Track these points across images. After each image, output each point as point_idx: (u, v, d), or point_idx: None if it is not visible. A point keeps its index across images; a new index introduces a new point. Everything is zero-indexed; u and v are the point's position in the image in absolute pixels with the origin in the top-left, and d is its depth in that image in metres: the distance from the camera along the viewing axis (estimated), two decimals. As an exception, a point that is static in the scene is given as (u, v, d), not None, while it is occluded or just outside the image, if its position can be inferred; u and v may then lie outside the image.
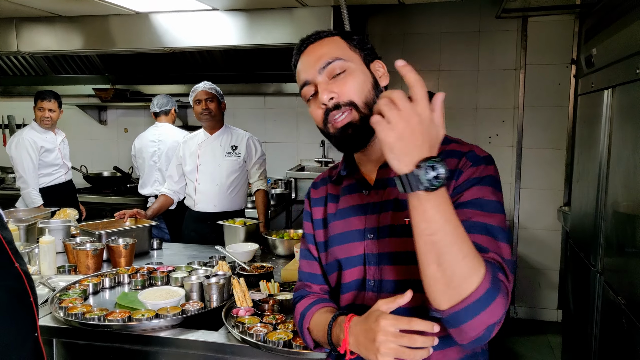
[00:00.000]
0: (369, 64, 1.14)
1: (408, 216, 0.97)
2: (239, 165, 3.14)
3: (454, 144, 1.13)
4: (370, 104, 1.08)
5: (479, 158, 1.07)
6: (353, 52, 1.12)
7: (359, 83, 1.09)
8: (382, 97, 0.83)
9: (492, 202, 1.02)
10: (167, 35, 3.56)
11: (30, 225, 2.65)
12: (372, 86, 1.11)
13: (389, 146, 0.80)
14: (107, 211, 4.22)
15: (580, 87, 2.81)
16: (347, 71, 1.09)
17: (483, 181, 1.04)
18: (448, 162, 1.01)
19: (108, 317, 1.69)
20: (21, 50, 3.95)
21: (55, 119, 3.91)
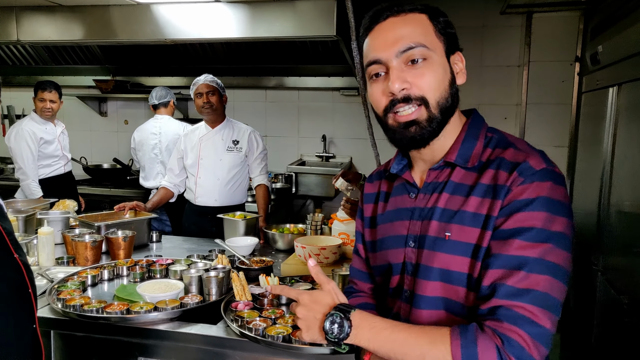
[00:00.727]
0: (449, 55, 1.02)
1: (450, 230, 0.99)
2: (240, 160, 3.12)
3: (512, 149, 0.99)
4: (442, 103, 0.99)
5: (532, 172, 0.93)
6: (437, 39, 1.00)
7: (437, 78, 0.99)
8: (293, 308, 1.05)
9: (538, 231, 0.89)
10: (168, 27, 3.52)
11: (29, 216, 2.63)
12: (449, 84, 1.01)
13: (311, 339, 1.02)
14: (106, 203, 4.21)
15: (584, 84, 2.79)
16: (427, 61, 0.98)
17: (532, 205, 0.91)
18: (498, 175, 0.96)
19: (106, 309, 1.67)
20: (21, 39, 3.92)
21: (55, 110, 3.88)
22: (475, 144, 1.04)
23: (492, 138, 1.05)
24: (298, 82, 4.42)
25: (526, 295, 0.87)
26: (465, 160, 1.02)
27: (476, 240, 0.96)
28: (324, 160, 4.49)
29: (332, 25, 3.13)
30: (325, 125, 4.50)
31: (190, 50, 4.25)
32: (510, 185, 0.94)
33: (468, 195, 0.99)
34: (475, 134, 1.05)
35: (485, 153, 1.03)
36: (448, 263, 0.99)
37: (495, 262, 0.92)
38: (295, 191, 4.17)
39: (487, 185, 0.98)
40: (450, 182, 1.03)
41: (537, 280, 0.87)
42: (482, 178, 0.99)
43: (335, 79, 4.28)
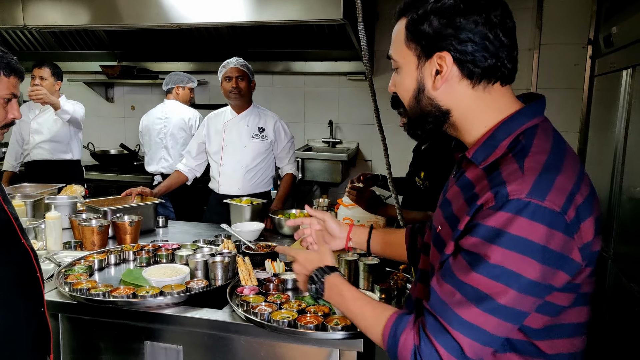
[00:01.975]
0: (426, 58, 0.99)
1: (441, 224, 1.05)
2: (265, 148, 3.03)
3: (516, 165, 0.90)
4: (413, 111, 1.04)
5: (505, 200, 0.86)
6: (407, 49, 1.01)
7: (403, 88, 1.05)
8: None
9: (488, 264, 0.86)
10: (173, 11, 3.48)
11: (37, 200, 2.65)
12: (415, 94, 1.02)
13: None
14: (113, 189, 4.22)
15: (597, 67, 2.73)
16: (399, 70, 1.05)
17: (491, 236, 0.87)
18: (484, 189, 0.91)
19: (112, 293, 1.68)
20: (27, 24, 3.89)
21: (48, 88, 3.53)
22: (497, 146, 0.96)
23: (519, 144, 0.95)
24: (304, 66, 4.38)
25: (452, 317, 0.91)
26: (481, 159, 0.99)
27: (446, 242, 0.99)
28: (331, 146, 4.46)
29: (338, 9, 3.08)
30: (331, 111, 4.46)
31: (196, 35, 4.22)
32: (482, 204, 0.90)
33: (464, 195, 1.00)
34: (505, 134, 0.97)
35: (505, 157, 0.95)
36: (431, 252, 1.09)
37: (444, 270, 0.96)
38: (302, 177, 4.16)
39: (474, 194, 0.95)
40: (465, 177, 1.03)
41: (469, 309, 0.89)
42: (478, 185, 0.96)
43: (341, 64, 4.23)
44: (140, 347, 1.68)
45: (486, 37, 0.94)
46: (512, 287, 0.86)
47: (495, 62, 0.95)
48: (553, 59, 3.80)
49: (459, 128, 1.03)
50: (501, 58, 0.96)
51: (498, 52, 0.95)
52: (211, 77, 4.67)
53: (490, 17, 0.93)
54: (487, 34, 0.93)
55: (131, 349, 1.69)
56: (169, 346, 1.65)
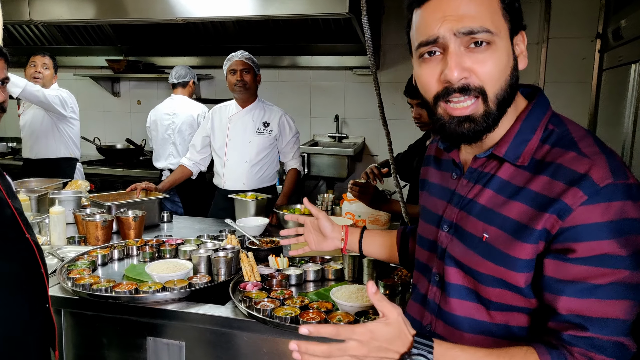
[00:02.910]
0: (513, 36, 0.90)
1: (488, 232, 0.94)
2: (269, 143, 3.02)
3: (573, 153, 0.86)
4: (501, 96, 0.88)
5: (596, 190, 0.82)
6: (503, 20, 0.88)
7: (499, 67, 0.87)
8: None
9: (610, 258, 0.82)
10: (179, 6, 3.47)
11: (41, 195, 2.65)
12: (511, 72, 0.89)
13: None
14: (119, 183, 4.23)
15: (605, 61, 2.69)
16: (491, 46, 0.86)
17: (600, 232, 0.81)
18: (552, 186, 0.85)
19: (115, 288, 1.68)
20: (33, 19, 3.90)
21: (46, 79, 3.59)
22: (530, 138, 0.92)
23: (553, 132, 0.91)
24: (310, 61, 4.35)
25: (607, 327, 0.84)
26: (516, 156, 0.92)
27: (515, 252, 0.90)
28: (337, 141, 4.44)
29: (344, 2, 3.05)
30: (337, 105, 4.44)
31: (202, 29, 4.20)
32: (571, 203, 0.83)
33: (512, 197, 0.91)
34: (533, 125, 0.92)
35: (541, 150, 0.91)
36: (477, 264, 0.95)
37: (570, 289, 0.85)
38: (308, 172, 4.14)
39: (536, 194, 0.87)
40: (497, 177, 0.95)
41: (615, 309, 0.83)
42: (532, 183, 0.89)
43: (347, 58, 4.21)
44: (143, 343, 1.67)
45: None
46: (633, 268, 0.83)
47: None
48: (561, 53, 3.75)
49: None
50: None
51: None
52: (217, 71, 4.67)
53: None
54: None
55: (134, 344, 1.69)
56: (172, 342, 1.65)
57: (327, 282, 1.87)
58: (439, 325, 1.04)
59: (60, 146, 3.76)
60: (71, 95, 3.78)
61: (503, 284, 0.93)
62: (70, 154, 3.81)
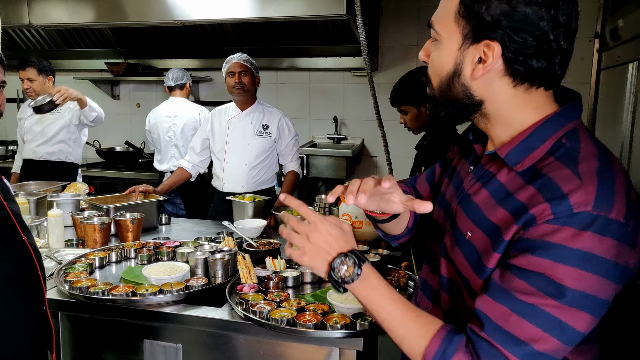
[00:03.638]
0: (472, 42, 0.87)
1: (473, 231, 0.94)
2: (269, 145, 3.02)
3: (569, 171, 0.82)
4: (443, 91, 0.92)
5: (569, 214, 0.78)
6: (454, 23, 0.88)
7: (437, 65, 0.93)
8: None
9: (553, 285, 0.79)
10: (177, 8, 3.48)
11: (40, 198, 2.65)
12: (448, 75, 0.91)
13: (308, 267, 0.95)
14: (119, 186, 4.23)
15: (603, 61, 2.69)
16: (437, 42, 0.92)
17: (556, 254, 0.78)
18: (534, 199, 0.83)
19: (112, 291, 1.68)
20: (33, 23, 3.90)
21: (38, 90, 3.51)
22: (536, 147, 0.88)
23: (563, 147, 0.87)
24: (309, 63, 4.35)
25: (515, 346, 0.81)
26: (516, 162, 0.90)
27: (487, 261, 0.89)
28: (336, 142, 4.44)
29: (341, 4, 3.05)
30: (336, 107, 4.44)
31: (200, 32, 4.21)
32: (537, 217, 0.81)
33: (501, 202, 0.90)
34: (544, 135, 0.89)
35: (544, 161, 0.87)
36: (458, 260, 0.97)
37: (494, 292, 0.86)
38: (307, 173, 4.14)
39: (520, 203, 0.85)
40: (496, 180, 0.94)
41: (520, 327, 0.81)
42: (521, 192, 0.86)
43: (346, 60, 4.21)
44: (140, 345, 1.67)
45: (545, 38, 0.83)
46: (587, 311, 0.79)
47: (547, 66, 0.86)
48: (560, 53, 3.75)
49: (491, 120, 0.94)
50: (553, 63, 0.86)
51: (552, 57, 0.85)
52: (216, 74, 4.67)
53: (558, 16, 0.83)
54: (547, 34, 0.83)
55: (131, 347, 1.69)
56: (168, 344, 1.65)
57: (324, 283, 1.87)
58: (434, 312, 1.05)
59: (69, 151, 3.73)
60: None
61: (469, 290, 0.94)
62: (75, 159, 3.79)
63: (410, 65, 3.76)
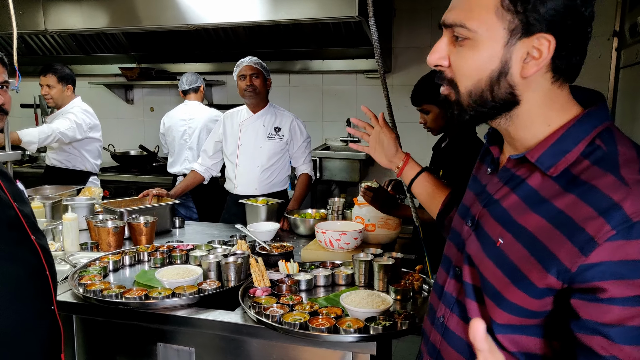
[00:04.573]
0: (522, 36, 0.81)
1: (503, 237, 0.87)
2: (281, 148, 3.02)
3: (612, 177, 0.77)
4: (476, 95, 0.85)
5: (628, 225, 0.72)
6: (496, 18, 0.81)
7: (472, 66, 0.84)
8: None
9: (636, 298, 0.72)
10: (189, 12, 3.49)
11: (55, 202, 2.68)
12: (495, 76, 0.84)
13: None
14: (133, 189, 4.26)
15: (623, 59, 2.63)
16: (469, 42, 0.84)
17: (632, 270, 0.71)
18: (578, 207, 0.77)
19: (125, 294, 1.67)
20: (48, 29, 3.96)
21: (55, 98, 3.58)
22: (570, 150, 0.83)
23: (598, 149, 0.82)
24: (322, 65, 4.35)
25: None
26: (549, 166, 0.84)
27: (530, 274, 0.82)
28: (349, 145, 4.42)
29: (354, 6, 3.04)
30: (349, 109, 4.42)
31: (213, 35, 4.23)
32: (596, 237, 0.74)
33: (534, 208, 0.85)
34: (577, 136, 0.84)
35: (579, 165, 0.82)
36: (486, 268, 0.90)
37: (610, 332, 0.75)
38: (320, 176, 4.13)
39: (559, 211, 0.80)
40: (526, 184, 0.88)
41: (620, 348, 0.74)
42: (559, 199, 0.81)
43: (359, 62, 4.19)
44: (153, 349, 1.67)
45: (587, 32, 0.82)
46: None
47: (580, 60, 0.84)
48: (576, 52, 3.69)
49: (516, 122, 0.89)
50: (584, 56, 0.85)
51: (584, 49, 0.84)
52: (229, 77, 4.68)
53: (593, 10, 0.82)
54: (587, 27, 0.82)
55: (144, 350, 1.69)
56: (181, 348, 1.64)
57: (337, 287, 1.85)
58: (452, 319, 1.01)
59: (76, 161, 3.73)
60: (87, 111, 3.69)
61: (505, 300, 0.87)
62: (86, 168, 3.76)
63: (424, 66, 3.72)
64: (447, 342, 1.00)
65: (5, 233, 1.33)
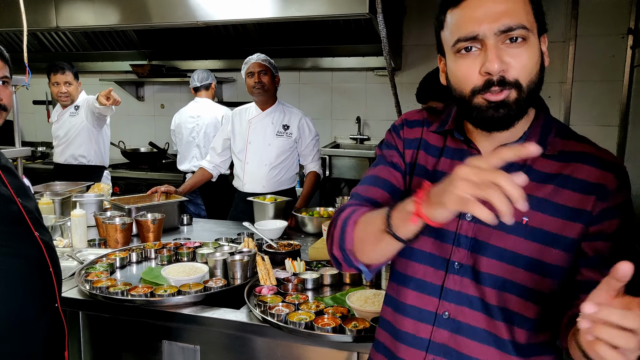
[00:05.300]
0: (540, 37, 0.96)
1: (528, 215, 0.97)
2: (289, 146, 3.01)
3: (585, 144, 1.02)
4: (531, 88, 0.94)
5: (625, 177, 0.98)
6: (534, 19, 0.94)
7: (532, 61, 0.94)
8: None
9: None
10: (199, 9, 3.50)
11: (64, 198, 2.69)
12: (539, 68, 0.96)
13: None
14: (143, 186, 4.28)
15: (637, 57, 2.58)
16: (525, 42, 0.92)
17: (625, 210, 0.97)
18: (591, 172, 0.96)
19: (131, 292, 1.68)
20: (60, 26, 3.98)
21: (73, 94, 3.63)
22: (551, 131, 1.01)
23: (558, 126, 1.03)
24: (332, 62, 4.32)
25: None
26: (544, 147, 0.98)
27: (566, 232, 0.96)
28: (359, 143, 4.40)
29: (364, 3, 3.02)
30: (359, 107, 4.39)
31: (223, 32, 4.23)
32: (610, 187, 0.95)
33: (559, 185, 0.97)
34: (549, 119, 1.03)
35: (558, 143, 1.00)
36: (517, 246, 0.97)
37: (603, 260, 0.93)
38: (329, 174, 4.11)
39: (582, 181, 0.96)
40: (530, 168, 0.98)
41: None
42: (567, 168, 0.98)
43: (369, 59, 4.16)
44: (158, 346, 1.67)
45: None
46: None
47: None
48: (589, 51, 3.63)
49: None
50: None
51: None
52: (239, 74, 4.61)
53: None
54: None
55: (149, 347, 1.69)
56: (187, 346, 1.64)
57: (344, 286, 1.84)
58: (465, 312, 1.01)
59: (91, 154, 3.75)
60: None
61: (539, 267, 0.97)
62: (100, 162, 3.80)
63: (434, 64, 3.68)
64: (465, 336, 1.00)
65: (7, 228, 1.33)
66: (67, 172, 3.70)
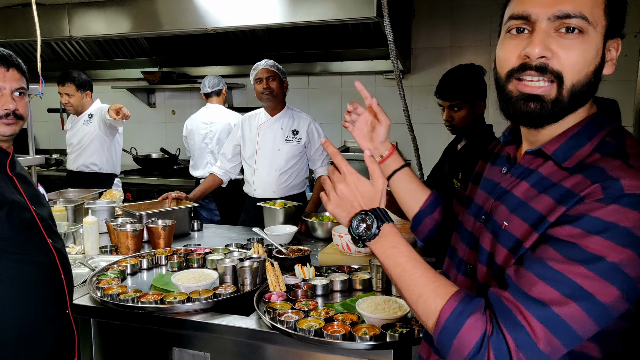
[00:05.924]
0: (608, 38, 0.87)
1: (508, 219, 0.92)
2: (299, 151, 3.02)
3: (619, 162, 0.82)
4: (576, 89, 0.86)
5: (620, 194, 0.78)
6: (603, 16, 0.85)
7: (585, 59, 0.85)
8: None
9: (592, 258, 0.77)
10: (208, 16, 3.53)
11: (77, 205, 2.72)
12: (594, 70, 0.86)
13: (332, 214, 1.00)
14: (155, 192, 4.30)
15: (650, 57, 2.54)
16: (582, 35, 0.84)
17: (602, 231, 0.77)
18: (581, 183, 0.82)
19: (141, 299, 1.68)
20: (73, 35, 4.05)
21: (75, 105, 3.67)
22: (584, 144, 0.88)
23: (609, 144, 0.87)
24: (341, 67, 4.32)
25: (533, 303, 0.79)
26: (564, 158, 0.89)
27: (521, 235, 0.89)
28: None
29: (372, 7, 3.03)
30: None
31: (232, 38, 4.25)
32: (585, 196, 0.80)
33: (545, 191, 0.88)
34: (591, 133, 0.89)
35: (590, 157, 0.87)
36: (496, 251, 0.94)
37: (526, 261, 0.85)
38: (339, 178, 4.09)
39: (566, 189, 0.85)
40: (537, 173, 0.92)
41: (553, 297, 0.78)
42: (566, 180, 0.86)
43: (378, 62, 4.15)
44: (169, 353, 1.67)
45: None
46: (616, 286, 0.77)
47: None
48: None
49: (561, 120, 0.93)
50: None
51: None
52: (248, 80, 4.64)
53: None
54: None
55: (160, 354, 1.69)
56: (197, 353, 1.64)
57: (354, 292, 1.83)
58: None
59: (103, 162, 3.77)
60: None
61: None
62: (111, 169, 3.82)
63: (444, 66, 3.68)
64: None
65: (20, 235, 1.35)
66: (79, 180, 3.74)
